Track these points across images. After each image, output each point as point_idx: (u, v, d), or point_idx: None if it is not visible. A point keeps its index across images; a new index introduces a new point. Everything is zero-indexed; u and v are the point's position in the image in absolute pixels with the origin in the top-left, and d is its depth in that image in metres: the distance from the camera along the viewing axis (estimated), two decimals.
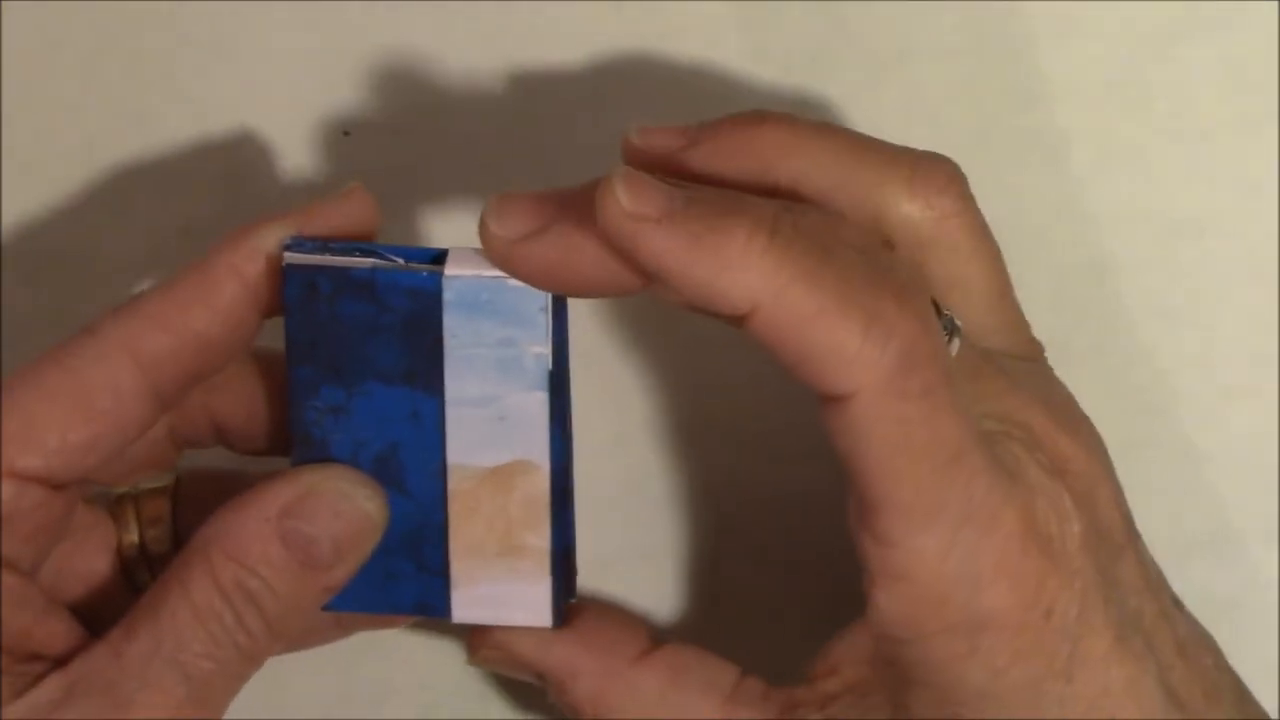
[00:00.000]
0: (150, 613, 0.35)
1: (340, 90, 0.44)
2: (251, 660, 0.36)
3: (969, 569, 0.33)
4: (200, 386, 0.37)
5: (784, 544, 0.44)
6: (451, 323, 0.36)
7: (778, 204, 0.34)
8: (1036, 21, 0.44)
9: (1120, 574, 0.36)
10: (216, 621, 0.35)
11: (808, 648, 0.39)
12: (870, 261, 0.33)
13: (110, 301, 0.43)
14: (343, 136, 0.44)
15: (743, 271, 0.32)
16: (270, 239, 0.36)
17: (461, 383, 0.36)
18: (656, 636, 0.40)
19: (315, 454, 0.37)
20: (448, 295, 0.35)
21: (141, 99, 0.44)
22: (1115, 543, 0.36)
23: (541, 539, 0.37)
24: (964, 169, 0.38)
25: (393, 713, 0.45)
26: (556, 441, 0.37)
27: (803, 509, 0.44)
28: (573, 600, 0.39)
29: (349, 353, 0.36)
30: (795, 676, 0.39)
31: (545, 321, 0.35)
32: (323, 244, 0.36)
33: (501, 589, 0.38)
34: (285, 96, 0.44)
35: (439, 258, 0.36)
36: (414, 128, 0.44)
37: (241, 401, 0.39)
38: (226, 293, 0.36)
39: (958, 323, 0.35)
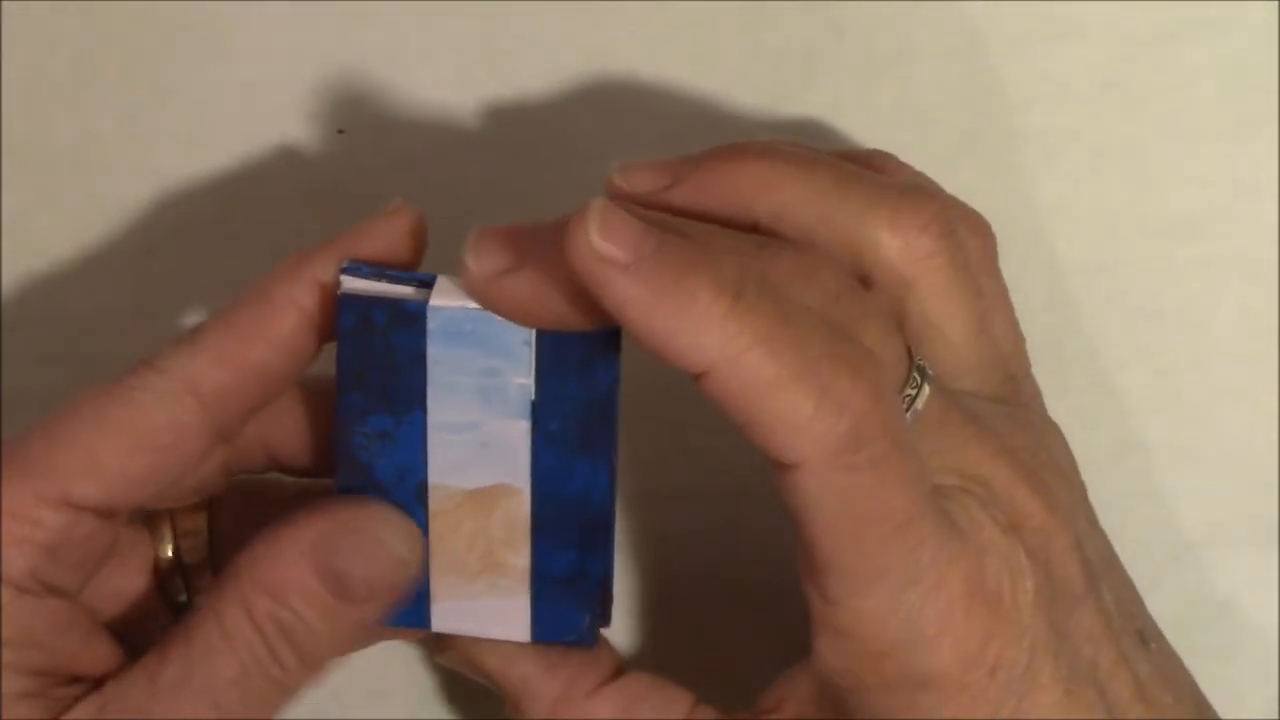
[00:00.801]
0: (183, 640, 0.35)
1: (334, 88, 0.44)
2: (284, 690, 0.36)
3: (911, 630, 0.34)
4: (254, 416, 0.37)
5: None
6: (435, 351, 0.35)
7: (750, 247, 0.34)
8: (1032, 21, 0.43)
9: (1076, 624, 0.36)
10: (249, 652, 0.35)
11: (770, 672, 0.39)
12: (831, 328, 0.33)
13: (107, 300, 0.44)
14: (337, 135, 0.44)
15: (702, 334, 0.32)
16: (327, 268, 0.36)
17: (443, 407, 0.36)
18: (622, 665, 0.40)
19: (359, 478, 0.37)
20: (431, 325, 0.35)
21: (137, 98, 0.44)
22: (1073, 594, 0.36)
23: (522, 558, 0.37)
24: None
25: (387, 711, 0.45)
26: (602, 473, 0.37)
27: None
28: (606, 627, 0.39)
29: (399, 381, 0.36)
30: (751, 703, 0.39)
31: (529, 355, 0.35)
32: (379, 270, 0.36)
33: (482, 603, 0.38)
34: (279, 95, 0.44)
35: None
36: (408, 126, 0.44)
37: (292, 428, 0.39)
38: (287, 326, 0.36)
39: (929, 371, 0.35)
